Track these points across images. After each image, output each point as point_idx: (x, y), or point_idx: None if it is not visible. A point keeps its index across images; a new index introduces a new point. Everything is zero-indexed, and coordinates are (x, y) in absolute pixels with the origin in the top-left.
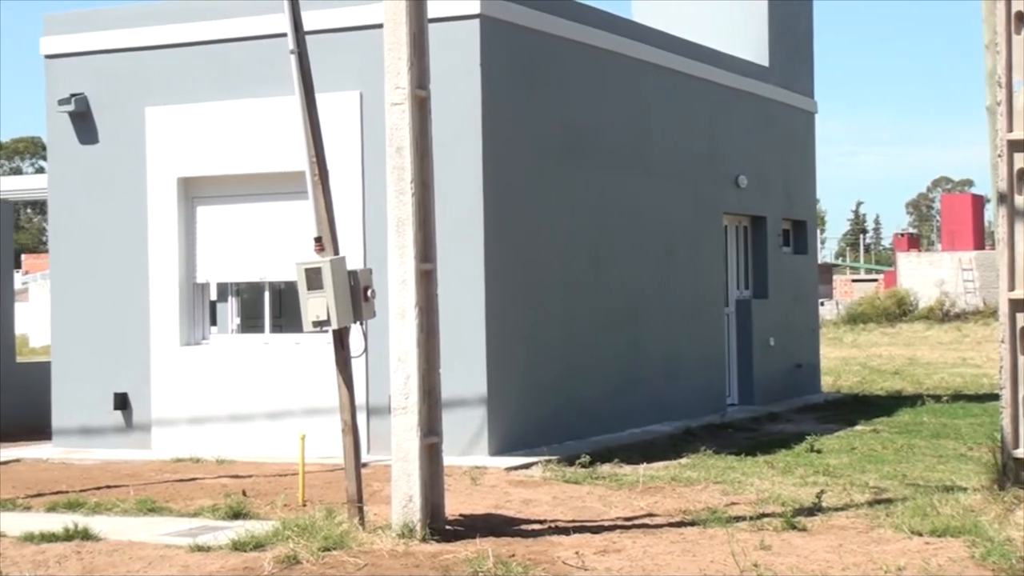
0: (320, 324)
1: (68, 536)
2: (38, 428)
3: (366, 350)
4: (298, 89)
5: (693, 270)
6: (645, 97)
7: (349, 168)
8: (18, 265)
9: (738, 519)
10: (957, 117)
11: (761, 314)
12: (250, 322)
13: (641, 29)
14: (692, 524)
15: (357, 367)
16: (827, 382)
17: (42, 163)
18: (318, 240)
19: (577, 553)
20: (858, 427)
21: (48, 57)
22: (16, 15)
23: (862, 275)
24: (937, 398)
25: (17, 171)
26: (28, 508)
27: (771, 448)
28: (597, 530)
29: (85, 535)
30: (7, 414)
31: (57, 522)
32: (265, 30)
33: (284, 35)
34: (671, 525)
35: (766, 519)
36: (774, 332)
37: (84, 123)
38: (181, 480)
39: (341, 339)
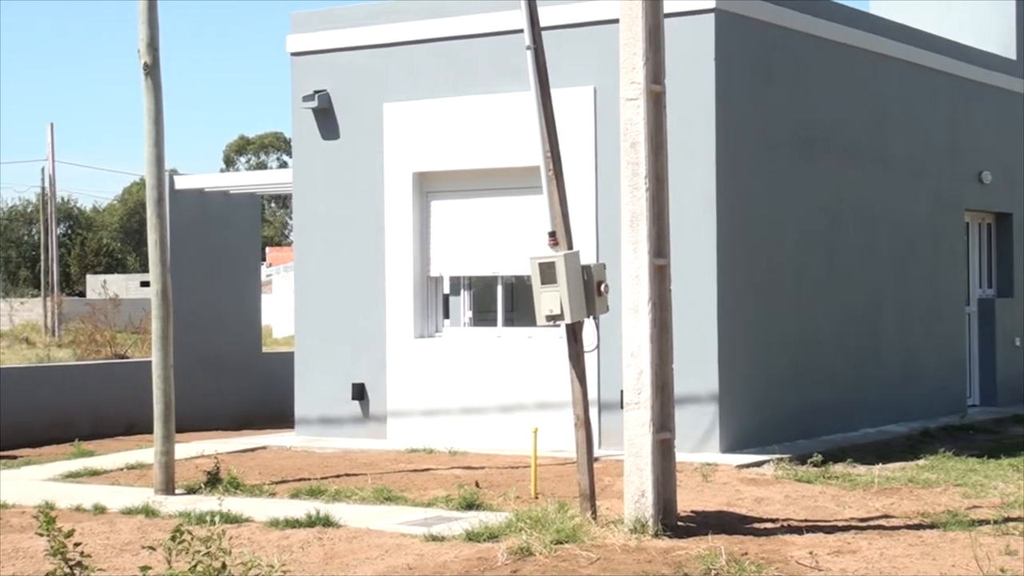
0: (553, 318)
1: (310, 523)
2: (282, 416)
3: (599, 345)
4: (534, 84)
5: (932, 267)
6: (883, 91)
7: (582, 163)
8: (263, 258)
9: (981, 523)
10: None
11: (1005, 313)
12: (482, 315)
13: (879, 22)
14: (931, 527)
15: (589, 362)
16: None
17: (286, 158)
18: (552, 235)
19: (811, 553)
20: None
21: (294, 55)
22: (266, 14)
23: None
24: None
25: (262, 166)
26: (273, 495)
27: (1016, 451)
28: (831, 530)
29: (326, 522)
30: (254, 403)
31: (300, 509)
32: (500, 26)
33: (519, 31)
34: (908, 527)
35: (1011, 523)
36: (1020, 332)
37: (326, 119)
38: (415, 470)
39: (574, 333)
